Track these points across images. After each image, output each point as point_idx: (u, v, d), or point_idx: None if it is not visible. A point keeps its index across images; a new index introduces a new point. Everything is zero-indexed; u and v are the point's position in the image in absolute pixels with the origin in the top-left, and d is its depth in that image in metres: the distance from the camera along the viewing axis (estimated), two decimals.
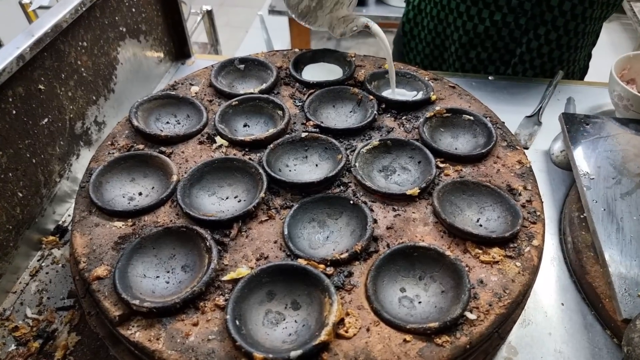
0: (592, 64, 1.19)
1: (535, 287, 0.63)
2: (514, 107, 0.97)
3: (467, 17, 1.02)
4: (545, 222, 0.59)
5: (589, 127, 0.81)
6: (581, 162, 0.74)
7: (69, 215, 0.80)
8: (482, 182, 0.62)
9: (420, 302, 0.52)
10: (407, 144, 0.68)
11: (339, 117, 0.77)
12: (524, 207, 0.60)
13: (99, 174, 0.64)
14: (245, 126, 0.75)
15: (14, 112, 0.67)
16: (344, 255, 0.54)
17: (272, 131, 0.70)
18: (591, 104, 0.98)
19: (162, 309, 0.50)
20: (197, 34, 1.95)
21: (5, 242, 0.68)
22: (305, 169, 0.67)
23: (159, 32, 1.05)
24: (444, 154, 0.67)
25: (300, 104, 0.77)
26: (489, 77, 1.06)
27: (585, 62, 1.14)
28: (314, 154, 0.69)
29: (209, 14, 1.75)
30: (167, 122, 0.75)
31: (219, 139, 0.70)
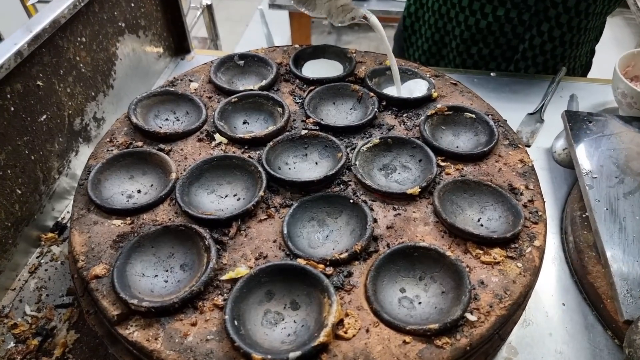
0: (595, 59, 1.17)
1: (536, 286, 0.62)
2: (516, 104, 0.96)
3: (470, 11, 1.01)
4: (547, 222, 0.59)
5: (592, 125, 0.80)
6: (584, 160, 0.74)
7: (67, 212, 0.79)
8: (483, 181, 0.61)
9: (420, 303, 0.52)
10: (408, 142, 0.67)
11: (339, 114, 0.76)
12: (525, 207, 0.60)
13: (97, 172, 0.64)
14: (244, 123, 0.74)
15: (12, 108, 0.66)
16: (344, 255, 0.54)
17: (271, 129, 0.69)
18: (594, 101, 0.97)
19: (160, 309, 0.49)
20: (197, 28, 1.94)
21: (4, 239, 0.67)
22: (305, 167, 0.67)
23: (158, 27, 1.04)
24: (445, 153, 0.66)
25: (300, 100, 0.77)
26: (491, 74, 1.05)
27: (588, 58, 1.13)
28: (314, 152, 0.68)
29: (209, 8, 1.74)
30: (166, 119, 0.74)
31: (218, 136, 0.70)
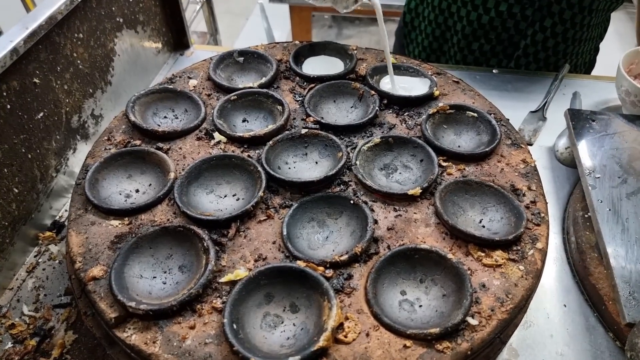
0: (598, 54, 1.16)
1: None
2: (519, 102, 0.95)
3: (472, 6, 0.99)
4: (549, 224, 0.58)
5: (595, 123, 0.79)
6: (586, 160, 0.73)
7: (65, 210, 0.79)
8: (485, 182, 0.61)
9: (421, 306, 0.51)
10: (409, 142, 0.66)
11: (340, 112, 0.75)
12: (528, 208, 0.59)
13: (95, 171, 0.63)
14: (244, 121, 0.73)
15: (9, 106, 0.65)
16: (344, 257, 0.53)
17: (271, 127, 0.68)
18: (597, 99, 0.96)
19: (158, 312, 0.49)
20: (196, 22, 1.92)
21: (1, 239, 0.67)
22: (304, 167, 0.66)
23: (157, 22, 1.03)
24: (447, 152, 0.65)
25: (300, 98, 0.76)
26: (493, 71, 1.04)
27: (591, 55, 1.12)
28: (314, 151, 0.67)
29: (208, 2, 1.72)
30: (165, 117, 0.74)
31: (217, 134, 0.69)
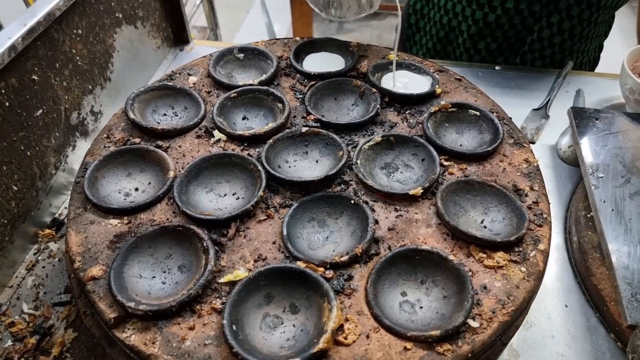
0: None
1: None
2: (521, 99, 0.94)
3: (477, 5, 0.98)
4: (552, 225, 0.57)
5: (599, 122, 0.78)
6: (589, 159, 0.72)
7: (65, 207, 0.78)
8: (487, 182, 0.60)
9: (421, 307, 0.51)
10: (411, 141, 0.66)
11: (341, 110, 0.75)
12: (530, 208, 0.58)
13: (94, 169, 0.63)
14: (244, 119, 0.73)
15: (7, 104, 0.65)
16: (344, 257, 0.53)
17: (271, 125, 0.68)
18: (601, 97, 0.95)
19: (157, 312, 0.49)
20: (196, 16, 1.91)
21: (0, 237, 0.66)
22: (305, 165, 0.66)
23: (156, 17, 1.02)
24: (449, 152, 0.65)
25: (301, 96, 0.75)
26: (496, 67, 1.03)
27: (596, 53, 1.11)
28: (315, 150, 0.67)
29: None
30: (164, 114, 0.73)
31: (217, 132, 0.68)
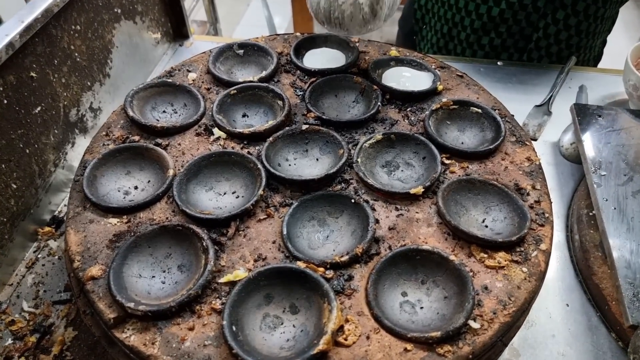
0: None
1: None
2: (523, 96, 0.93)
3: None
4: (553, 225, 0.57)
5: (602, 119, 0.77)
6: (592, 156, 0.72)
7: (64, 205, 0.78)
8: (488, 181, 0.60)
9: (422, 308, 0.50)
10: (412, 139, 0.65)
11: (341, 107, 0.74)
12: (532, 207, 0.58)
13: (93, 167, 0.62)
14: (244, 116, 0.72)
15: (5, 101, 0.64)
16: (344, 257, 0.52)
17: (271, 123, 0.67)
18: (604, 93, 0.94)
19: (157, 313, 0.48)
20: (196, 10, 1.89)
21: None
22: (305, 164, 0.65)
23: (155, 12, 1.01)
24: (450, 150, 0.64)
25: (301, 93, 0.74)
26: (498, 62, 1.02)
27: (600, 48, 1.10)
28: (315, 148, 0.66)
29: None
30: (164, 111, 0.73)
31: (216, 130, 0.68)
